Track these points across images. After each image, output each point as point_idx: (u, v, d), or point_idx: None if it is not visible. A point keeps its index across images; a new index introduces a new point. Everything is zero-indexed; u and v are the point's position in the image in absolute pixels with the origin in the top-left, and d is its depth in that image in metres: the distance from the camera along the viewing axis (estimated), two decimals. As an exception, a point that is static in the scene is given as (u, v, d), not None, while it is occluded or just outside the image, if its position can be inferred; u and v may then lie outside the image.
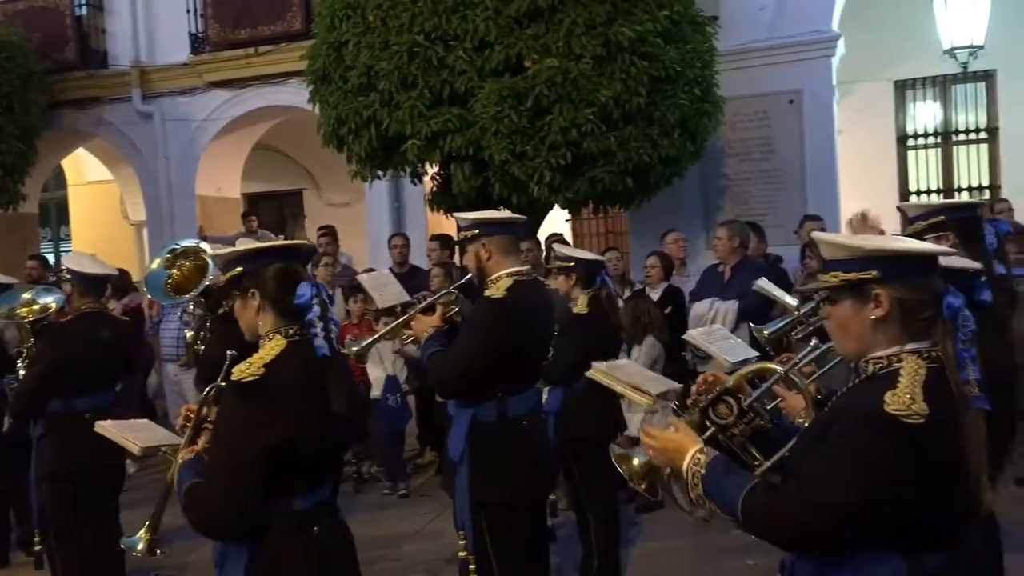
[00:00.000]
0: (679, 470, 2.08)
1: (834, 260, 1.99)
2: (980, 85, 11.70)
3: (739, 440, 2.19)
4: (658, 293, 6.76)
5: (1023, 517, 5.31)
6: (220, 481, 2.44)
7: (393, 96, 7.40)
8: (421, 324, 3.66)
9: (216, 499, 2.44)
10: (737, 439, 2.19)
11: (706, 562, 5.15)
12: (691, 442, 2.09)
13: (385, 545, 5.68)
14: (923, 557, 1.88)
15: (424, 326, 3.64)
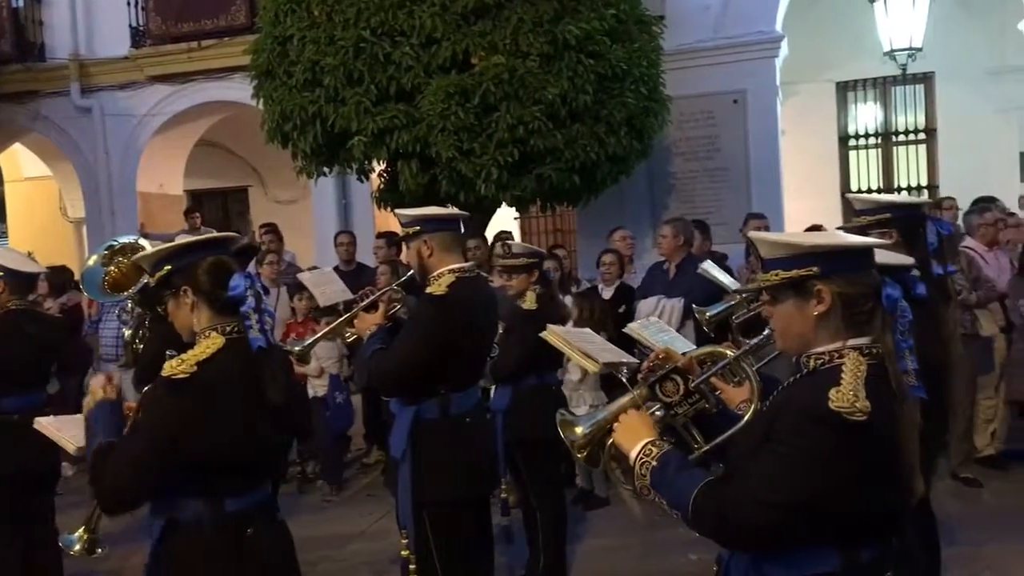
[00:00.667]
0: (627, 454, 2.08)
1: (773, 259, 2.00)
2: (919, 87, 11.98)
3: (682, 420, 2.20)
4: (611, 291, 6.79)
5: (960, 510, 5.45)
6: (125, 467, 2.38)
7: (339, 92, 7.32)
8: (363, 322, 3.62)
9: (118, 481, 2.40)
10: (680, 418, 2.20)
11: (650, 559, 5.18)
12: (646, 431, 2.09)
13: (329, 545, 5.62)
14: (857, 549, 1.90)
15: (366, 324, 3.60)
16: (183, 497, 2.45)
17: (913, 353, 2.03)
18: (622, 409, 2.25)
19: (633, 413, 2.16)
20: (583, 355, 2.74)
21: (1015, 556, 4.87)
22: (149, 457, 2.37)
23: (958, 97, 11.51)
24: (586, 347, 2.80)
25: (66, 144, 12.10)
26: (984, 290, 5.99)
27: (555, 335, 2.91)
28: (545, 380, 4.77)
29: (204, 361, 2.40)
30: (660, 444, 2.06)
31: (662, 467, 2.01)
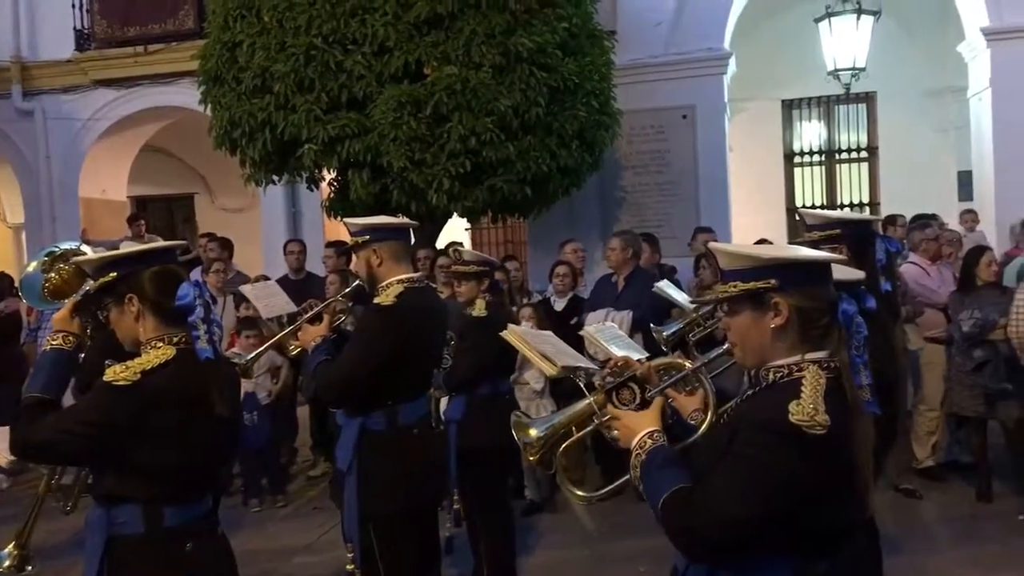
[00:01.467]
0: (629, 448, 2.08)
1: (732, 270, 2.00)
2: (861, 106, 12.27)
3: None
4: (564, 303, 6.81)
5: (901, 521, 5.56)
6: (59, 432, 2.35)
7: (289, 99, 7.25)
8: (308, 334, 3.57)
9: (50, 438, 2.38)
10: None
11: (599, 571, 5.18)
12: (644, 424, 2.09)
13: (274, 559, 5.52)
14: (813, 562, 1.91)
15: (311, 336, 3.55)
16: (124, 504, 2.40)
17: (868, 368, 2.05)
18: (578, 415, 2.24)
19: (631, 410, 2.15)
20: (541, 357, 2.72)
21: (955, 566, 4.98)
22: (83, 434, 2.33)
23: (899, 116, 11.81)
24: (545, 349, 2.78)
25: (6, 147, 11.80)
26: (912, 304, 6.13)
27: (514, 335, 2.88)
28: (498, 389, 4.77)
29: (149, 371, 2.34)
30: (656, 436, 2.05)
31: (649, 461, 2.01)
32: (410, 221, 3.86)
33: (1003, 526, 5.54)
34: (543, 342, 2.94)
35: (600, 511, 6.01)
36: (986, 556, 5.10)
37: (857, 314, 2.03)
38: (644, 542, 5.27)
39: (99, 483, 2.45)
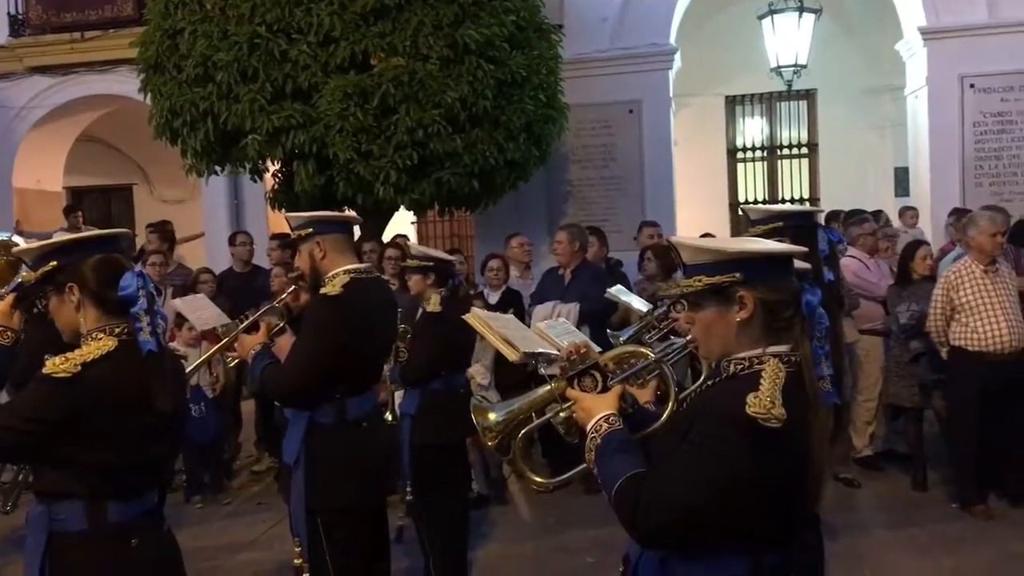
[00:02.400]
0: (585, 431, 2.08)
1: (696, 264, 2.00)
2: (802, 103, 12.48)
3: None
4: (497, 296, 6.81)
5: (840, 508, 5.68)
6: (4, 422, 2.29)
7: (232, 88, 7.13)
8: (246, 344, 3.51)
9: None
10: None
11: (548, 563, 5.21)
12: (600, 407, 2.07)
13: (219, 555, 5.44)
14: (764, 553, 1.93)
15: (249, 345, 3.49)
16: (66, 500, 2.34)
17: (828, 359, 2.07)
18: (539, 400, 2.24)
19: (590, 393, 2.15)
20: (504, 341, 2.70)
21: (892, 553, 5.11)
22: (22, 430, 2.26)
23: (838, 114, 12.05)
24: (508, 334, 2.76)
25: (-65, 135, 11.42)
26: (849, 298, 6.27)
27: (477, 319, 2.86)
28: (452, 383, 4.74)
29: (90, 363, 2.28)
30: (612, 421, 2.04)
31: (604, 445, 2.00)
32: (354, 215, 3.81)
33: (937, 513, 5.70)
34: (505, 327, 2.93)
35: (547, 503, 6.05)
36: (921, 542, 5.25)
37: (820, 305, 2.04)
38: (591, 533, 5.32)
39: (39, 479, 2.39)
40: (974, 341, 5.52)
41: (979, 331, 5.49)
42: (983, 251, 5.57)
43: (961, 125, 9.10)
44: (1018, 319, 5.52)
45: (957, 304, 5.58)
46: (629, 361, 2.30)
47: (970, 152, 9.12)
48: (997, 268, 5.59)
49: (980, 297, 5.51)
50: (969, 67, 9.04)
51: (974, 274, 5.56)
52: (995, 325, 5.46)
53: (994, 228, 5.57)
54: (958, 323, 5.59)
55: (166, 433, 2.48)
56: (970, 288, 5.54)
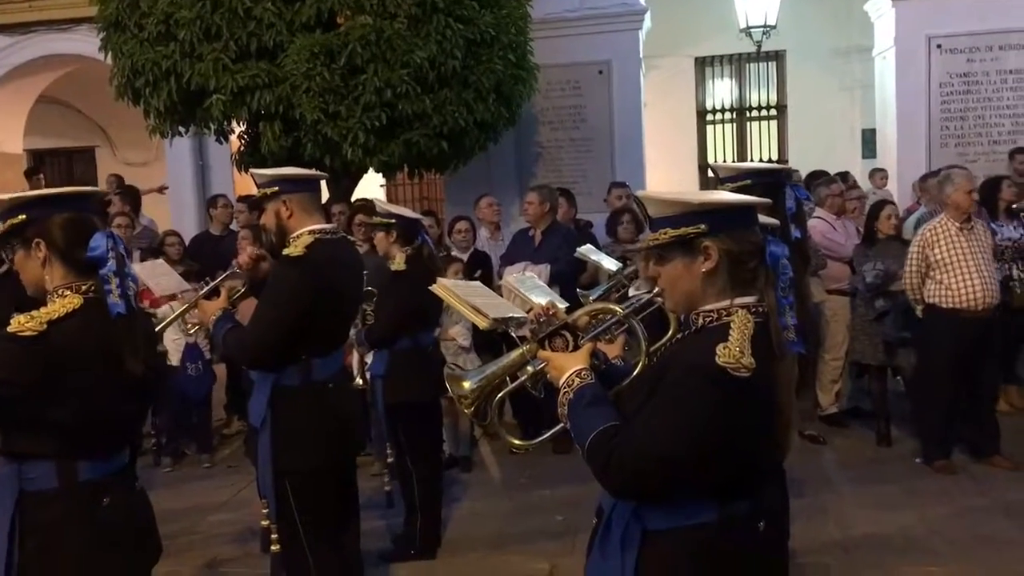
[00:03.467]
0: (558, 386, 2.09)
1: (661, 217, 2.01)
2: (771, 64, 12.49)
3: None
4: (466, 257, 6.80)
5: (805, 465, 5.78)
6: None
7: (195, 47, 6.98)
8: (206, 310, 3.48)
9: None
10: None
11: (518, 521, 5.25)
12: (572, 363, 2.09)
13: (189, 517, 5.43)
14: (735, 501, 1.96)
15: (210, 311, 3.46)
16: (36, 460, 2.32)
17: (793, 309, 2.10)
18: (512, 364, 2.24)
19: (560, 352, 2.16)
20: (472, 309, 2.69)
21: (856, 508, 5.20)
22: None
23: (807, 75, 12.07)
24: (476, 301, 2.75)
25: None
26: (816, 258, 6.32)
27: (443, 288, 2.84)
28: (420, 342, 4.75)
29: (57, 321, 2.25)
30: (584, 375, 2.05)
31: (576, 400, 2.01)
32: (320, 173, 3.76)
33: (901, 469, 5.81)
34: (473, 294, 2.92)
35: (517, 463, 6.10)
36: (885, 497, 5.36)
37: (784, 256, 2.06)
38: (562, 492, 5.38)
39: (8, 439, 2.36)
40: (948, 299, 5.57)
41: (953, 288, 5.55)
42: (959, 208, 5.61)
43: (928, 86, 9.15)
44: (992, 277, 5.58)
45: (932, 262, 5.63)
46: (598, 318, 2.31)
47: (936, 113, 9.19)
48: (972, 226, 5.65)
49: (955, 255, 5.56)
50: (936, 28, 9.08)
51: (949, 232, 5.62)
52: (969, 282, 5.51)
53: (969, 185, 5.63)
54: (933, 280, 5.65)
55: (135, 392, 2.45)
56: (945, 246, 5.59)
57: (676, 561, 1.95)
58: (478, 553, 4.81)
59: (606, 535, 2.06)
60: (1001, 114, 9.08)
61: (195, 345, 6.37)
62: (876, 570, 4.42)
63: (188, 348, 6.35)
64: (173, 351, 6.38)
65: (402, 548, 4.77)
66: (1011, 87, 9.05)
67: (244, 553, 4.87)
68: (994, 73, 9.06)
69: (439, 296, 2.85)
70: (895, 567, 4.44)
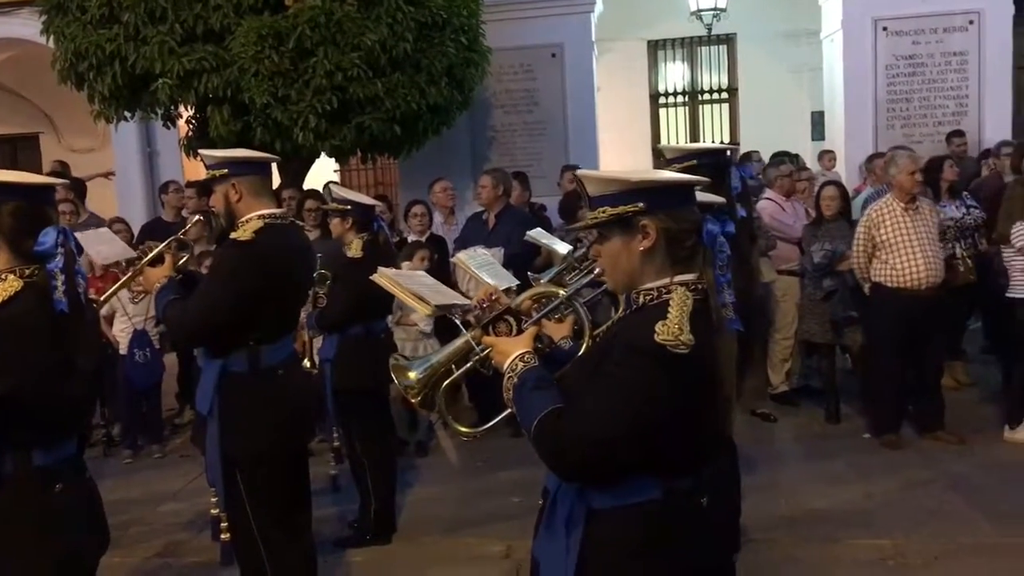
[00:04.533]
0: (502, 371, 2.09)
1: (600, 196, 2.01)
2: (722, 48, 12.58)
3: None
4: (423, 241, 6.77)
5: (757, 442, 5.88)
6: None
7: (140, 30, 6.87)
8: (151, 277, 3.42)
9: None
10: None
11: (474, 504, 5.27)
12: (515, 347, 2.09)
13: (140, 507, 5.36)
14: (677, 478, 1.98)
15: (154, 278, 3.40)
16: None
17: (731, 287, 2.12)
18: (456, 351, 2.24)
19: (504, 337, 2.16)
20: (414, 297, 2.67)
21: (806, 484, 5.29)
22: None
23: (757, 58, 12.19)
24: (418, 289, 2.73)
25: None
26: (767, 238, 6.41)
27: (385, 277, 2.82)
28: (372, 329, 4.73)
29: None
30: (527, 359, 2.05)
31: (521, 384, 2.01)
32: (271, 155, 3.71)
33: (849, 444, 5.92)
34: (415, 282, 2.91)
35: (474, 447, 6.10)
36: (834, 472, 5.46)
37: (720, 234, 2.08)
38: (518, 474, 5.40)
39: None
40: (892, 277, 5.69)
41: (897, 267, 5.66)
42: (903, 189, 5.72)
43: (874, 68, 9.30)
44: (936, 256, 5.69)
45: (878, 241, 5.73)
46: (541, 301, 2.31)
47: (883, 95, 9.34)
48: (918, 206, 5.75)
49: (899, 234, 5.67)
50: (882, 10, 9.22)
51: (895, 212, 5.72)
52: (912, 262, 5.63)
53: (913, 166, 5.73)
54: (878, 260, 5.76)
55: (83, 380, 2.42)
56: (890, 226, 5.70)
57: (621, 539, 1.96)
58: (433, 537, 4.82)
59: (552, 515, 2.07)
60: (945, 96, 9.27)
61: (143, 332, 6.28)
62: (824, 544, 4.51)
63: (136, 334, 6.26)
64: (122, 339, 6.29)
65: (357, 534, 4.77)
66: (955, 69, 9.24)
67: (196, 542, 4.83)
68: (938, 55, 9.24)
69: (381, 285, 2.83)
70: (843, 541, 4.52)
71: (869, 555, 4.37)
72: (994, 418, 6.07)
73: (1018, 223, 5.64)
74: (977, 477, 5.25)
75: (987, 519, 4.65)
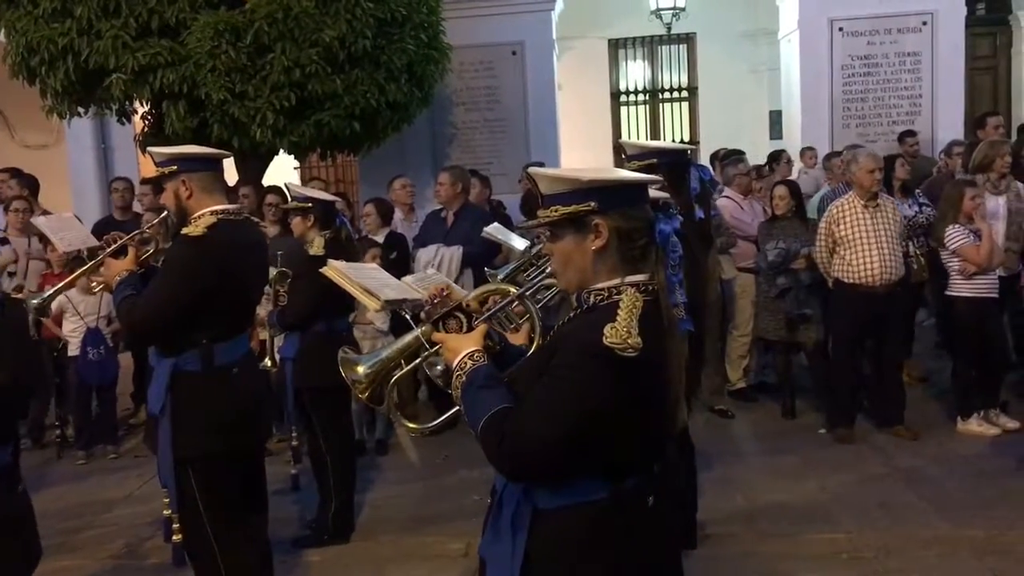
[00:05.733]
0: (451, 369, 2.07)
1: (552, 194, 2.00)
2: (683, 47, 12.67)
3: None
4: (381, 239, 6.72)
5: (715, 438, 5.93)
6: None
7: (93, 24, 6.75)
8: (112, 268, 3.36)
9: None
10: None
11: (433, 502, 5.26)
12: (465, 345, 2.07)
13: (92, 511, 5.27)
14: (624, 477, 1.97)
15: (115, 270, 3.34)
16: None
17: (682, 287, 2.11)
18: (406, 347, 2.22)
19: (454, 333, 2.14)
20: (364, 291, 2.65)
21: (763, 479, 5.35)
22: None
23: (717, 57, 12.29)
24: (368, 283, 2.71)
25: None
26: (726, 236, 6.48)
27: (335, 271, 2.80)
28: (334, 327, 4.68)
29: None
30: (477, 357, 2.03)
31: (469, 382, 1.99)
32: (222, 151, 3.65)
33: (805, 440, 6.00)
34: (366, 276, 2.89)
35: (433, 445, 6.08)
36: (790, 467, 5.52)
37: (673, 234, 2.08)
38: (478, 472, 5.39)
39: None
40: (850, 274, 5.78)
41: (854, 264, 5.75)
42: (863, 187, 5.81)
43: (830, 68, 9.42)
44: (893, 254, 5.78)
45: (838, 238, 5.82)
46: (492, 299, 2.30)
47: (838, 94, 9.47)
48: (879, 204, 5.84)
49: (858, 232, 5.75)
50: (838, 11, 9.35)
51: (855, 209, 5.81)
52: (868, 259, 5.71)
53: (873, 164, 5.82)
54: (838, 256, 5.85)
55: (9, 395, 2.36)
56: (850, 223, 5.78)
57: (566, 539, 1.96)
58: (392, 536, 4.80)
59: (498, 515, 2.06)
60: (899, 95, 9.42)
61: (96, 330, 6.17)
62: (781, 538, 4.55)
63: (89, 333, 6.15)
64: (73, 339, 6.18)
65: (315, 534, 4.73)
66: (908, 69, 9.39)
67: (152, 544, 4.76)
68: (893, 55, 9.38)
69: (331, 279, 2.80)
70: (798, 535, 4.58)
71: (824, 549, 4.43)
72: (947, 412, 6.18)
73: (951, 225, 5.77)
74: (929, 470, 5.34)
75: (938, 512, 4.74)
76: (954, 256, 5.78)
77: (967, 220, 5.77)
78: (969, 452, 5.61)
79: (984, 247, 5.69)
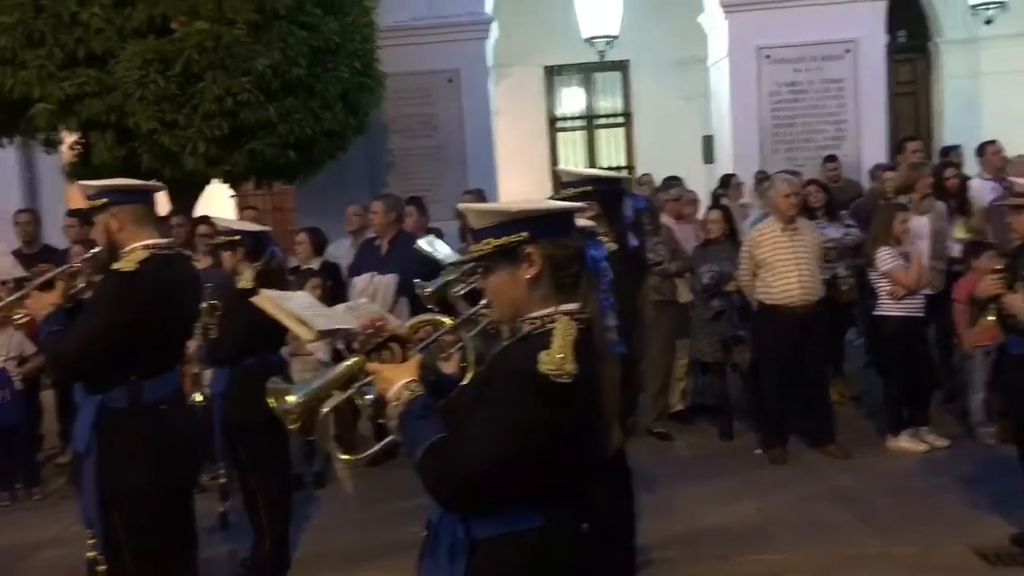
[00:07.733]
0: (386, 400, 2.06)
1: (483, 228, 2.02)
2: (617, 74, 12.86)
3: None
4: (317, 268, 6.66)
5: (656, 462, 5.97)
6: None
7: (17, 54, 6.62)
8: (38, 302, 3.28)
9: None
10: None
11: (375, 534, 5.18)
12: (400, 375, 2.06)
13: (17, 556, 5.08)
14: (559, 504, 1.98)
15: (42, 304, 3.26)
16: None
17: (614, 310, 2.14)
18: (339, 377, 2.20)
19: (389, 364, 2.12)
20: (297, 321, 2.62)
21: (703, 501, 5.39)
22: None
23: (651, 84, 12.50)
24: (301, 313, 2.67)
25: None
26: (681, 260, 6.57)
27: (267, 300, 2.75)
28: (266, 360, 4.59)
29: None
30: (413, 387, 2.03)
31: (407, 413, 1.99)
32: (155, 184, 3.60)
33: (742, 461, 6.07)
34: (299, 306, 2.85)
35: (372, 476, 5.99)
36: (726, 489, 5.58)
37: (603, 259, 2.11)
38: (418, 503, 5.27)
39: None
40: (771, 296, 5.92)
41: (775, 286, 5.89)
42: (780, 211, 5.96)
43: (759, 94, 9.64)
44: (812, 275, 5.92)
45: (759, 261, 5.96)
46: (427, 330, 2.30)
47: (767, 120, 9.69)
48: (796, 227, 5.98)
49: (777, 255, 5.90)
50: (765, 39, 9.58)
51: (775, 233, 5.95)
52: (788, 281, 5.86)
53: (789, 190, 5.97)
54: (760, 279, 5.99)
55: None
56: (770, 246, 5.92)
57: (503, 567, 1.96)
58: (330, 571, 4.72)
59: (435, 546, 2.06)
60: (825, 121, 9.67)
61: (3, 371, 5.96)
62: (718, 561, 4.59)
63: (-2, 373, 5.95)
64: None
65: (251, 573, 4.61)
66: (833, 95, 9.66)
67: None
68: (818, 82, 9.65)
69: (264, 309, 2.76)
70: (734, 556, 4.62)
71: (760, 570, 4.48)
72: (877, 430, 6.32)
73: (882, 248, 5.93)
74: (862, 489, 5.44)
75: (871, 530, 4.83)
76: (884, 277, 5.93)
77: (896, 243, 5.93)
78: (900, 469, 5.74)
79: (913, 270, 5.87)
